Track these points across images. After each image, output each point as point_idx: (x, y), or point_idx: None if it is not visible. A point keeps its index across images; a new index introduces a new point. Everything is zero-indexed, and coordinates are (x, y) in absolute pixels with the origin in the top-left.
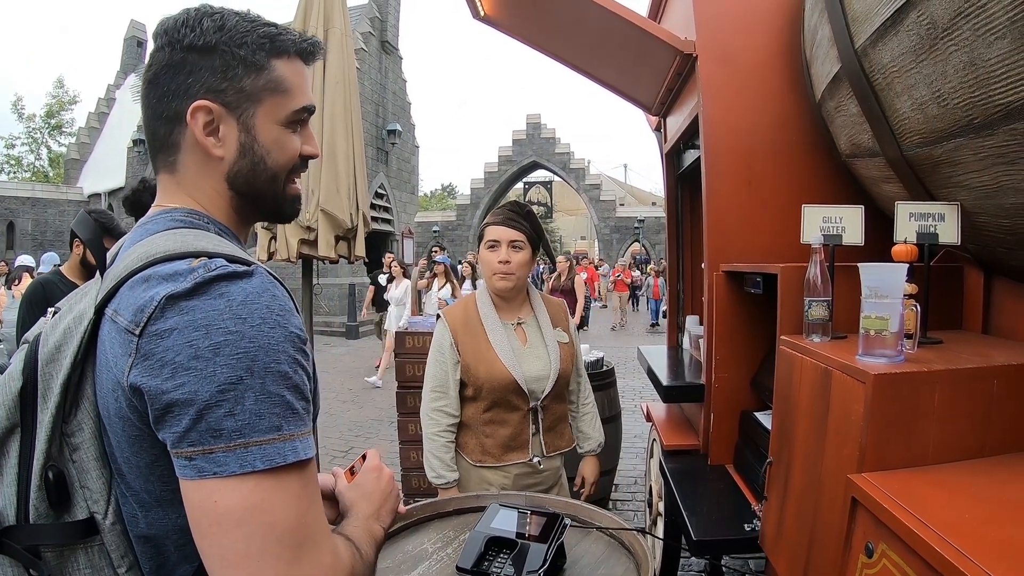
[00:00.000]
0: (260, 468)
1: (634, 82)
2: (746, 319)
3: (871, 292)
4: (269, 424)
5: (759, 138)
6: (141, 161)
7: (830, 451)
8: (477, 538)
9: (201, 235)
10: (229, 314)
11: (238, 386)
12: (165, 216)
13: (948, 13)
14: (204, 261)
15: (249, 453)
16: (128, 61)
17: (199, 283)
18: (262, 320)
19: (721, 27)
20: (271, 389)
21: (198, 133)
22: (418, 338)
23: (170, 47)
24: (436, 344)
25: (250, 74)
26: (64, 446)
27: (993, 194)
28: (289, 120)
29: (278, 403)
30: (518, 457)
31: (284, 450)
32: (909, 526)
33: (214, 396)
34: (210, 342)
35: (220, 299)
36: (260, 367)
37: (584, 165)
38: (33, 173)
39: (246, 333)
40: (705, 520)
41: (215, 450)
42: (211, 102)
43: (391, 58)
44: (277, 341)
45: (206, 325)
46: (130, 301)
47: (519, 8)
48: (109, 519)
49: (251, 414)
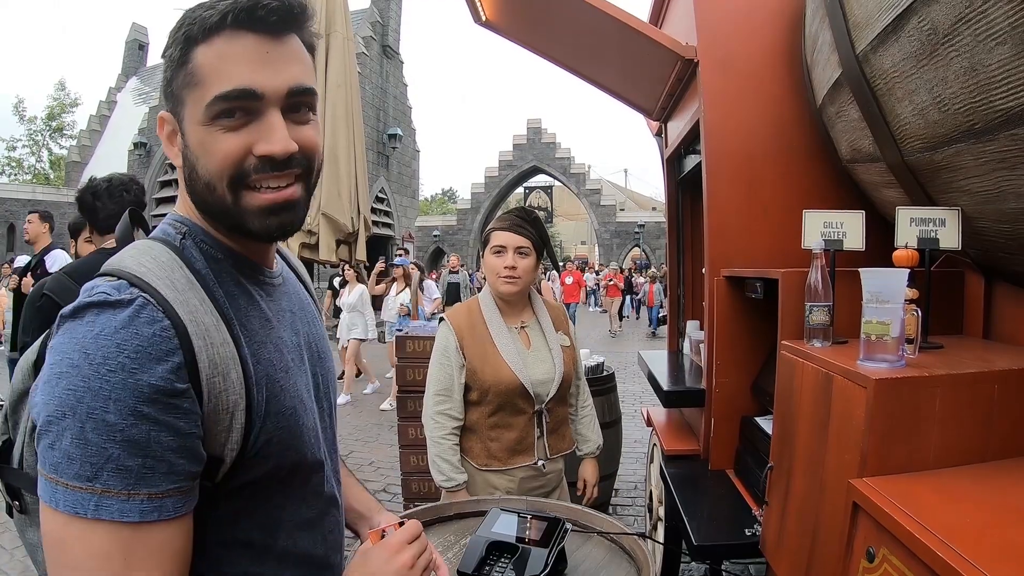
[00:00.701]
0: (62, 509)
1: (635, 87)
2: (747, 324)
3: (872, 297)
4: (79, 471)
5: (760, 143)
6: (142, 164)
7: (831, 456)
8: (478, 542)
9: (145, 249)
10: (78, 346)
11: (61, 422)
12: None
13: (949, 19)
14: (93, 284)
15: (57, 491)
16: (129, 64)
17: (76, 307)
18: (103, 360)
19: (722, 33)
20: (90, 436)
21: (164, 144)
22: (418, 342)
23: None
24: (440, 347)
25: (177, 73)
26: None
27: (994, 199)
28: (209, 116)
29: (96, 453)
30: (524, 460)
31: (87, 503)
32: (910, 530)
33: (43, 423)
34: (57, 370)
35: (83, 327)
36: (84, 410)
37: (584, 170)
38: (34, 175)
39: (83, 370)
40: (706, 525)
41: (41, 472)
42: (168, 111)
43: (392, 62)
44: (111, 386)
45: (61, 351)
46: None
47: (520, 13)
48: None
49: (65, 454)
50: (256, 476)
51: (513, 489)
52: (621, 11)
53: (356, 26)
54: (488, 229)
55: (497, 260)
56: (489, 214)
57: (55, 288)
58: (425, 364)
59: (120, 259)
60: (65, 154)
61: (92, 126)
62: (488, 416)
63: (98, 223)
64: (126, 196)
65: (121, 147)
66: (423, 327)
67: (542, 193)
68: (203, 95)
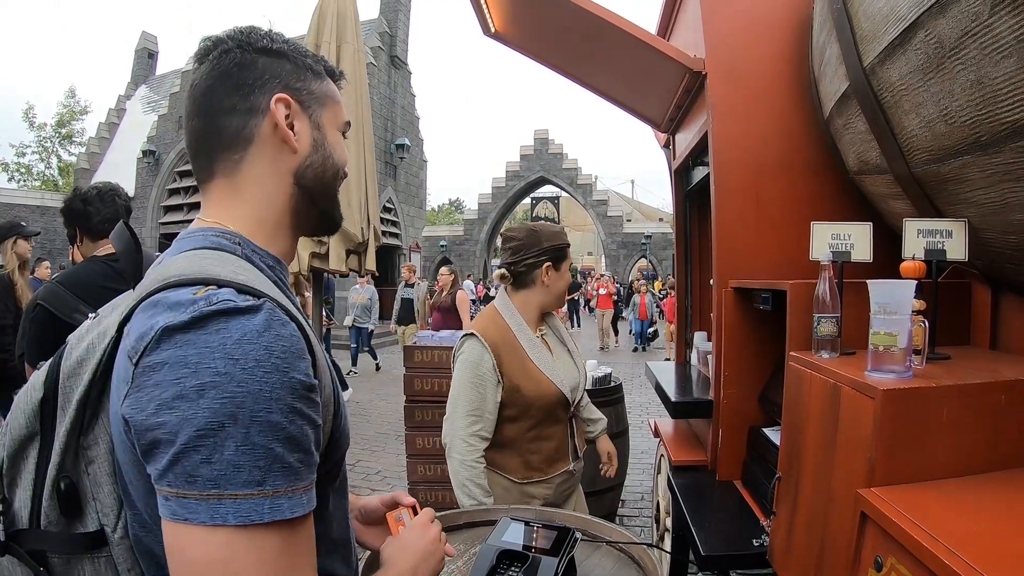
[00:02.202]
0: (231, 523)
1: (643, 99)
2: (754, 335)
3: (880, 308)
4: (248, 477)
5: (768, 155)
6: (150, 172)
7: (839, 466)
8: (488, 551)
9: (221, 258)
10: (221, 353)
11: (219, 432)
12: (199, 235)
13: (955, 33)
14: (208, 292)
15: (222, 505)
16: (139, 72)
17: (196, 317)
18: (256, 363)
19: (730, 45)
20: (256, 440)
21: (281, 121)
22: (427, 352)
23: (240, 49)
24: (472, 366)
25: (316, 80)
26: (80, 458)
27: (1000, 211)
28: (342, 128)
29: (263, 455)
30: (562, 467)
31: (262, 507)
32: (919, 540)
33: (192, 440)
34: (196, 382)
35: (215, 335)
36: (247, 415)
37: (591, 181)
38: (43, 182)
39: (236, 376)
40: (713, 535)
41: (188, 496)
42: (290, 97)
43: (400, 73)
44: (271, 387)
45: (196, 363)
46: (136, 326)
47: (529, 25)
48: (118, 533)
49: (229, 464)
50: (326, 469)
51: (549, 496)
52: (630, 23)
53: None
54: (561, 245)
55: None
56: (496, 224)
57: (48, 298)
58: (434, 374)
59: (202, 268)
60: (74, 161)
61: (101, 133)
62: (528, 431)
63: (92, 228)
64: (118, 200)
65: (130, 155)
66: (431, 337)
67: (549, 203)
68: (340, 112)
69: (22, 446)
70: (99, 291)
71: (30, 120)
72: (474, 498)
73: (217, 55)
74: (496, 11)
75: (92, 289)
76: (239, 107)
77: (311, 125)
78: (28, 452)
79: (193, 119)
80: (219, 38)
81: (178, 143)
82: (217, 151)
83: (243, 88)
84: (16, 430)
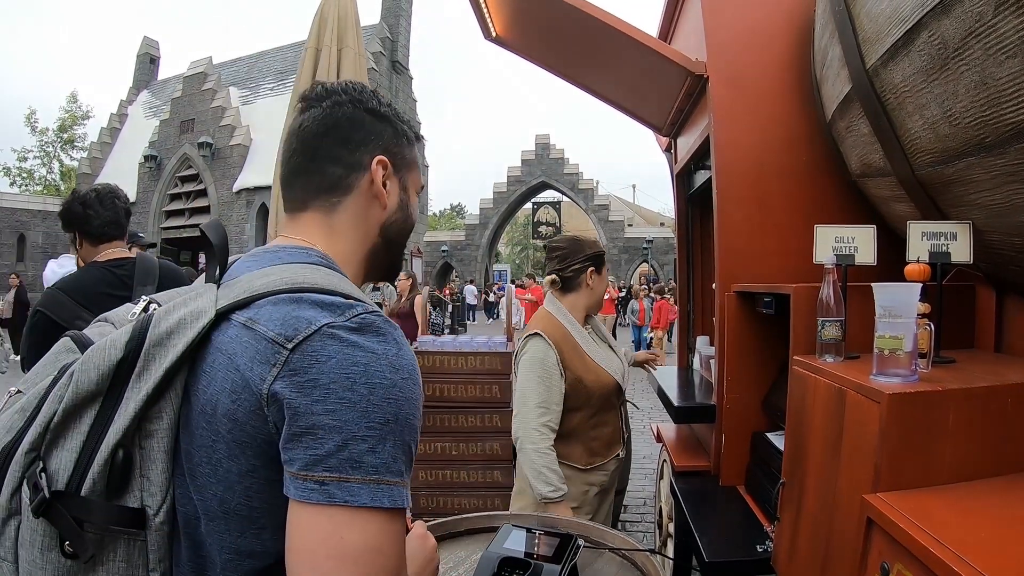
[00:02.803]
0: (387, 506)
1: (645, 103)
2: (758, 339)
3: (885, 312)
4: (399, 468)
5: (770, 158)
6: (152, 177)
7: (844, 471)
8: (491, 559)
9: (345, 281)
10: (386, 361)
11: (384, 427)
12: (302, 251)
13: (959, 33)
14: (358, 302)
15: (380, 490)
16: (141, 77)
17: (361, 323)
18: (409, 375)
19: (732, 48)
20: (406, 438)
21: (378, 181)
22: (428, 357)
23: (352, 105)
24: (539, 362)
25: (410, 146)
26: (139, 430)
27: (1005, 212)
28: (419, 191)
29: (406, 452)
30: (616, 450)
31: (404, 495)
32: (925, 545)
33: (363, 430)
34: (367, 381)
35: (379, 344)
36: (403, 416)
37: (593, 185)
38: (44, 186)
39: (397, 383)
40: (717, 541)
41: (351, 479)
42: (388, 159)
43: (401, 78)
44: (416, 396)
45: (365, 364)
46: (276, 315)
47: (530, 29)
48: (159, 517)
49: (389, 456)
50: None
51: (605, 482)
52: (631, 27)
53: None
54: (600, 252)
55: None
56: (498, 229)
57: (49, 304)
58: (435, 379)
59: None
60: (76, 166)
61: (103, 138)
62: (589, 418)
63: (92, 231)
64: (118, 203)
65: (132, 159)
66: (432, 342)
67: (550, 208)
68: (419, 177)
69: (83, 403)
70: (101, 298)
71: (32, 125)
72: (551, 484)
73: (331, 105)
74: (497, 15)
75: (94, 296)
76: (345, 159)
77: (400, 186)
78: (86, 412)
79: (298, 156)
80: (334, 89)
81: (180, 148)
82: (317, 191)
83: (351, 143)
84: (83, 384)
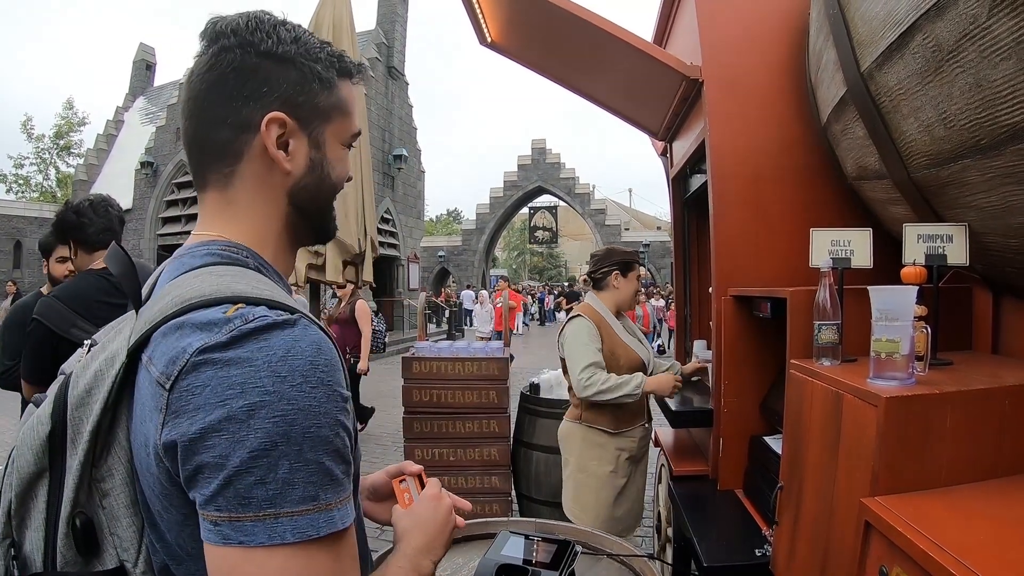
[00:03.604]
0: (290, 541)
1: (640, 107)
2: (755, 343)
3: (881, 315)
4: (303, 494)
5: (765, 162)
6: (148, 183)
7: (842, 475)
8: (488, 565)
9: (240, 274)
10: (267, 371)
11: (272, 452)
12: (203, 249)
13: (953, 35)
14: (241, 310)
15: (279, 524)
16: (137, 84)
17: (236, 336)
18: (303, 379)
19: (727, 52)
20: (308, 456)
21: (270, 145)
22: (425, 363)
23: (241, 49)
24: (584, 329)
25: (323, 91)
26: (94, 492)
27: (1001, 214)
28: (347, 143)
29: (315, 471)
30: (640, 420)
31: (318, 521)
32: (924, 549)
33: (245, 462)
34: (245, 402)
35: (259, 353)
36: (298, 432)
37: (589, 190)
38: (41, 193)
39: (285, 393)
40: (715, 546)
41: (243, 519)
42: (286, 115)
43: (397, 83)
44: (319, 402)
45: (241, 383)
46: (163, 350)
47: (524, 34)
48: (139, 568)
49: (284, 483)
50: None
51: (634, 449)
52: (626, 31)
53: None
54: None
55: (637, 283)
56: (494, 234)
57: (46, 313)
58: (432, 385)
59: (226, 285)
60: (72, 172)
61: (99, 145)
62: None
63: (87, 239)
64: (111, 211)
65: (128, 166)
66: (428, 348)
67: (547, 213)
68: (349, 125)
69: (31, 484)
70: (97, 306)
71: (28, 131)
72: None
73: (217, 51)
74: (492, 21)
75: (90, 304)
76: (230, 120)
77: (309, 144)
78: (37, 491)
79: (185, 120)
80: (222, 30)
81: (176, 155)
82: (208, 160)
83: (236, 99)
84: (24, 468)
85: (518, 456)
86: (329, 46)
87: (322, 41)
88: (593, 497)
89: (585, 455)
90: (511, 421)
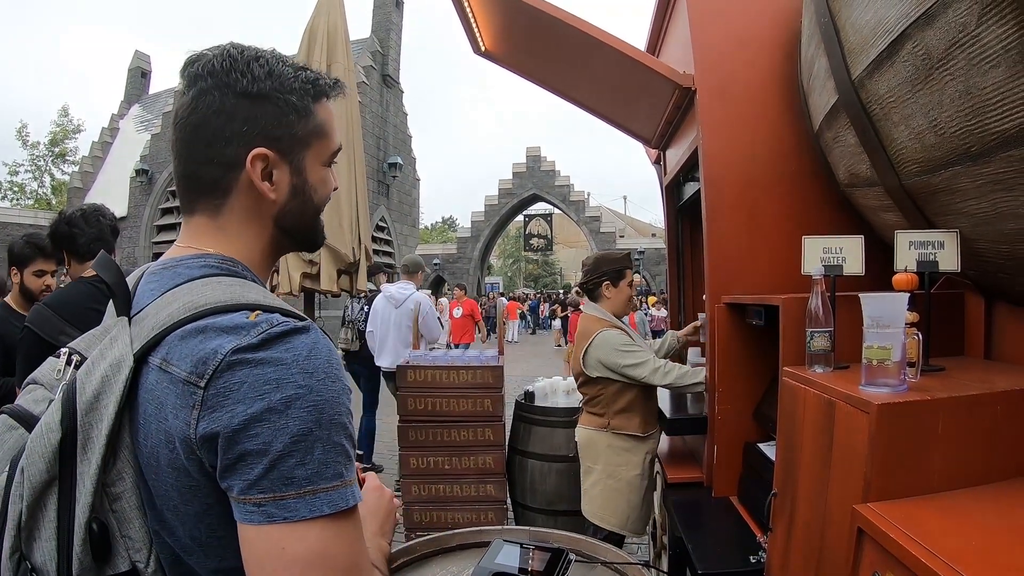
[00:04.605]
0: (327, 512)
1: (634, 115)
2: (748, 351)
3: (873, 322)
4: (334, 472)
5: (758, 169)
6: (143, 191)
7: (835, 482)
8: (482, 573)
9: (245, 285)
10: (297, 369)
11: (308, 437)
12: (198, 261)
13: (943, 43)
14: (263, 315)
15: (317, 499)
16: (132, 91)
17: (265, 339)
18: (325, 375)
19: (719, 60)
20: (335, 439)
21: (256, 179)
22: (420, 371)
23: (219, 91)
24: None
25: (300, 120)
26: (104, 497)
27: (992, 220)
28: (328, 162)
29: (340, 451)
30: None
31: (346, 495)
32: (916, 555)
33: (287, 446)
34: (282, 395)
35: (288, 353)
36: (327, 419)
37: (584, 197)
38: (36, 200)
39: (313, 387)
40: (710, 552)
41: (286, 496)
42: (268, 149)
43: (392, 91)
44: (337, 394)
45: (276, 379)
46: (185, 352)
47: (518, 43)
48: (151, 567)
49: (319, 463)
50: None
51: (655, 447)
52: (619, 40)
53: (356, 56)
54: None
55: (630, 289)
56: (489, 242)
57: (37, 321)
58: (427, 394)
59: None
60: (67, 180)
61: (94, 152)
62: (643, 390)
63: (79, 249)
64: (103, 220)
65: (123, 174)
66: (424, 356)
67: (542, 221)
68: (329, 144)
69: (42, 493)
70: (87, 312)
71: (23, 138)
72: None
73: (196, 94)
74: (486, 30)
75: (80, 311)
76: (216, 160)
77: (291, 172)
78: (47, 500)
79: (175, 159)
80: (199, 72)
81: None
82: (198, 193)
83: (220, 141)
84: (35, 477)
85: (513, 464)
86: (304, 71)
87: (296, 67)
88: (624, 502)
89: (612, 461)
90: (506, 429)
